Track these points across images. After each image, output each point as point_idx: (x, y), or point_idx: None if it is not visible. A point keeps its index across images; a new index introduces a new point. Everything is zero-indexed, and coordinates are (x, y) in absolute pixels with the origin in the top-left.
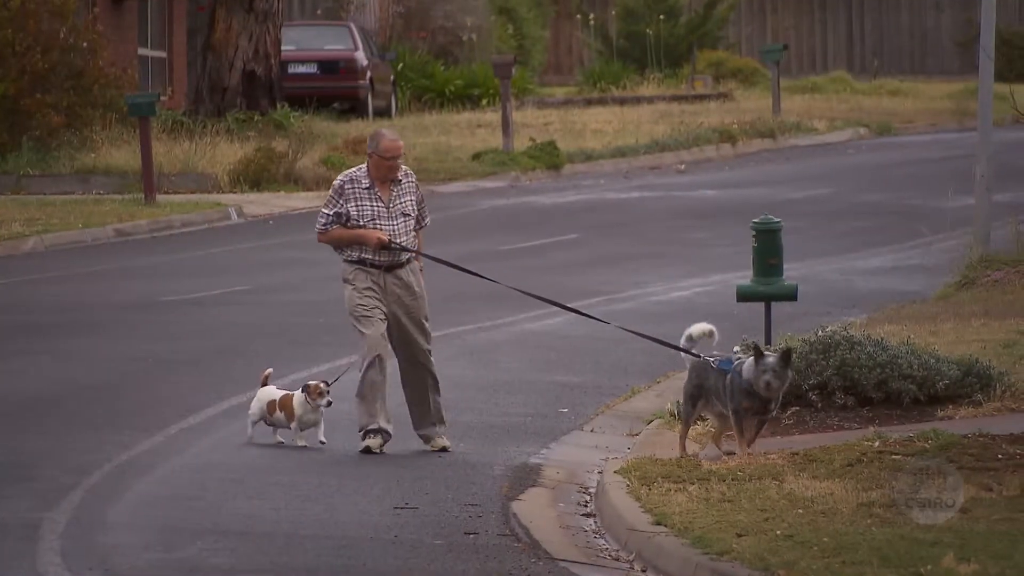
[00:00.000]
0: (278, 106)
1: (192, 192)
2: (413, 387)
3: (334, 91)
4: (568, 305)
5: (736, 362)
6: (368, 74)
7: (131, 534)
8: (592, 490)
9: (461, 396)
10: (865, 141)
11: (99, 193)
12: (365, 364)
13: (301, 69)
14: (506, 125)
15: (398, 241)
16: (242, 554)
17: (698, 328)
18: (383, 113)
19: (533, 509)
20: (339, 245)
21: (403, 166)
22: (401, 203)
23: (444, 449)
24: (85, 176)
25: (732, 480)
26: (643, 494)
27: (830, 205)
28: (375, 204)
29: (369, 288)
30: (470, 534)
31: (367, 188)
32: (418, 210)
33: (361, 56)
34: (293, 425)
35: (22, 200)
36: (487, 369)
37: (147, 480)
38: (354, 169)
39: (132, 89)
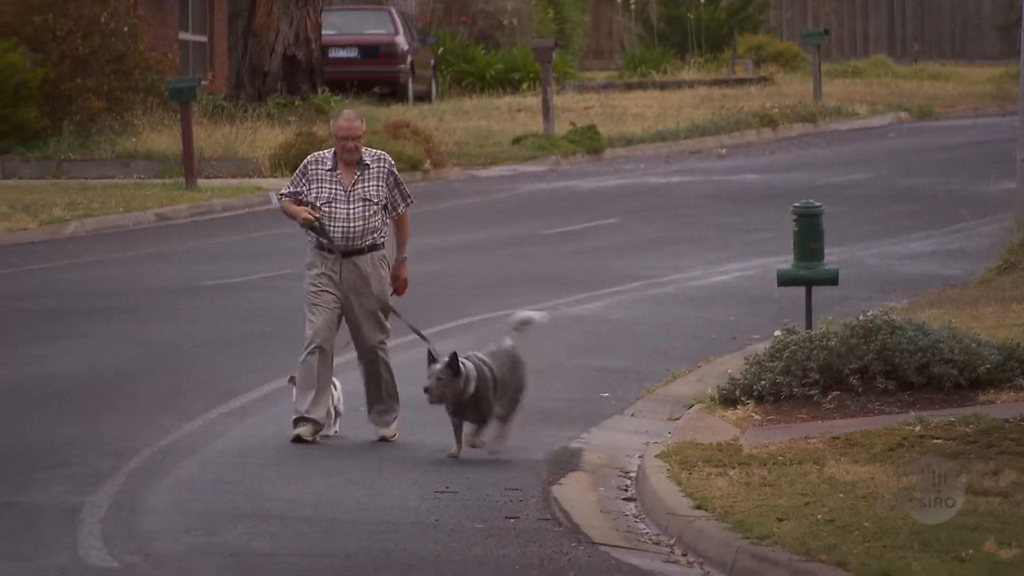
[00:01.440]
0: (319, 91)
1: (233, 177)
2: (366, 375)
3: (375, 75)
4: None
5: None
6: (409, 58)
7: (172, 518)
8: (633, 475)
9: None
10: (906, 125)
11: (140, 178)
12: (305, 352)
13: (342, 54)
14: (546, 109)
15: (355, 225)
16: (282, 538)
17: (521, 315)
18: (423, 97)
19: (574, 493)
20: (288, 217)
21: (377, 151)
22: (364, 188)
23: (384, 439)
24: (126, 160)
25: (773, 464)
26: (684, 478)
27: (871, 189)
28: (334, 187)
29: (323, 275)
30: (511, 518)
31: (329, 170)
32: (390, 196)
33: (402, 40)
34: None
35: (63, 184)
36: (527, 353)
37: (187, 464)
38: (324, 150)
39: (173, 73)
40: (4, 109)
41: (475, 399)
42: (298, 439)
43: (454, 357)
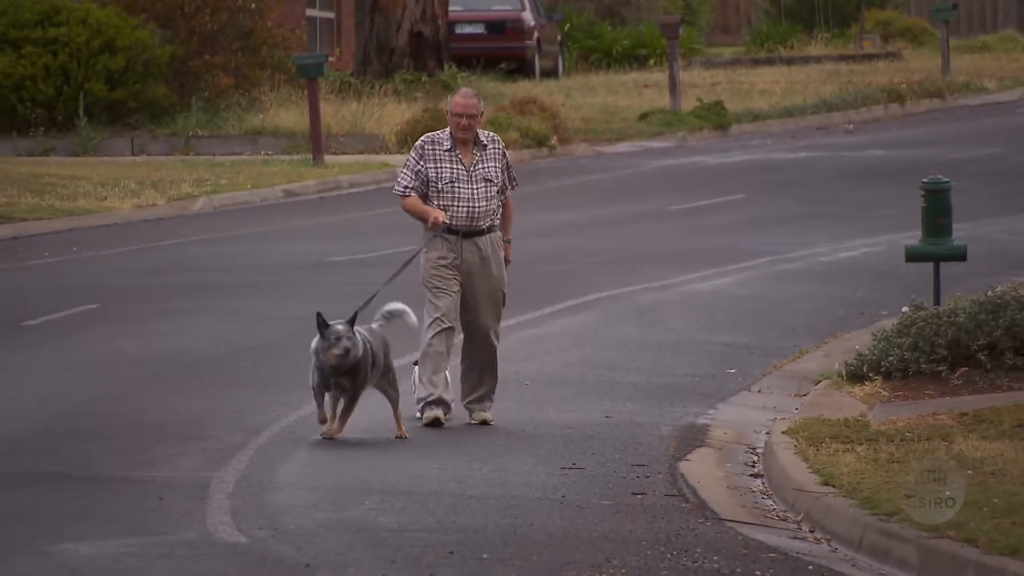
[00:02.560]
0: (445, 67)
1: (360, 153)
2: (471, 360)
3: (501, 51)
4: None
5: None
6: (535, 34)
7: (300, 494)
8: (759, 451)
9: (628, 356)
10: None
11: (267, 154)
12: (432, 334)
13: (468, 29)
14: (673, 85)
15: (479, 206)
16: (410, 513)
17: (394, 306)
18: (550, 73)
19: (700, 469)
20: (411, 216)
21: (491, 132)
22: (484, 168)
23: (484, 423)
24: (253, 137)
25: (900, 441)
26: (811, 454)
27: (999, 165)
28: (455, 167)
29: (443, 258)
30: (637, 494)
31: (448, 150)
32: (504, 176)
33: (528, 16)
34: None
35: (191, 161)
36: (654, 329)
37: (315, 440)
38: (437, 131)
39: (300, 50)
40: (133, 86)
41: (354, 369)
42: (436, 422)
43: (352, 320)
